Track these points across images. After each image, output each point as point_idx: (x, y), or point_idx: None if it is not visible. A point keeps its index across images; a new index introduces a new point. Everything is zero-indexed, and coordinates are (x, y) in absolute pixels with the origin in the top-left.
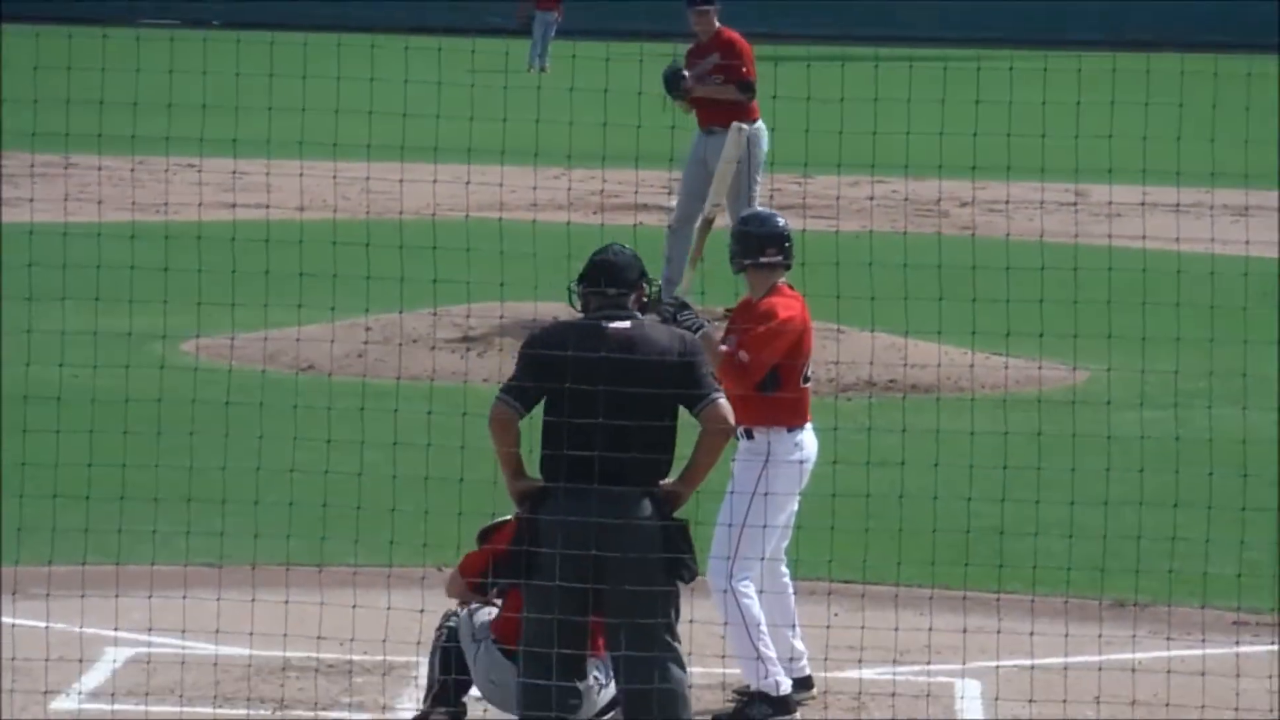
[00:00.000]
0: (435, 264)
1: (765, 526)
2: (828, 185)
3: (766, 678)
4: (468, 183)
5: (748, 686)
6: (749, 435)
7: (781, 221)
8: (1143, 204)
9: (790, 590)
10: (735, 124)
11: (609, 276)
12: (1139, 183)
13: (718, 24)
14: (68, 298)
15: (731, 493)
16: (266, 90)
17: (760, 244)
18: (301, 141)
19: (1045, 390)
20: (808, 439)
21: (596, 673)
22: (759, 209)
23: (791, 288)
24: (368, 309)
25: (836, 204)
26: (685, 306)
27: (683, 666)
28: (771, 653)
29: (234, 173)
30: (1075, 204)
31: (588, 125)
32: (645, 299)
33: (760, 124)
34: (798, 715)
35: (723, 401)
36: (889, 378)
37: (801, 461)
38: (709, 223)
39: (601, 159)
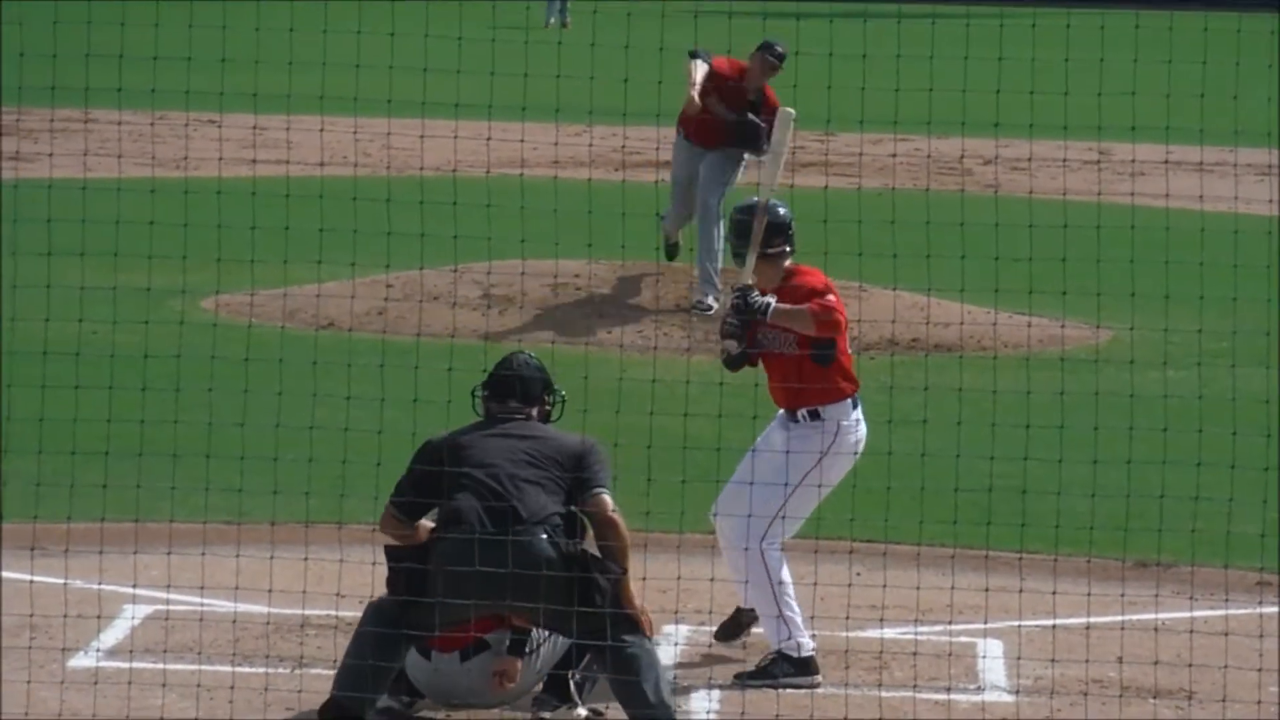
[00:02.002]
0: (456, 221)
1: (820, 486)
2: (850, 143)
3: (789, 638)
4: (488, 139)
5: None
6: (815, 415)
7: (782, 209)
8: (1166, 162)
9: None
10: (785, 110)
11: (512, 389)
12: (1162, 141)
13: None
14: (86, 253)
15: (785, 452)
16: (287, 46)
17: (766, 236)
18: (322, 97)
19: (1068, 349)
20: (860, 414)
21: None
22: (753, 200)
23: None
24: (388, 265)
25: (859, 161)
26: (750, 289)
27: (639, 631)
28: (796, 614)
29: (254, 128)
30: (1099, 162)
31: (609, 82)
32: (549, 410)
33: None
34: (819, 677)
35: (607, 497)
36: (911, 336)
37: (860, 436)
38: (764, 208)
39: (623, 115)
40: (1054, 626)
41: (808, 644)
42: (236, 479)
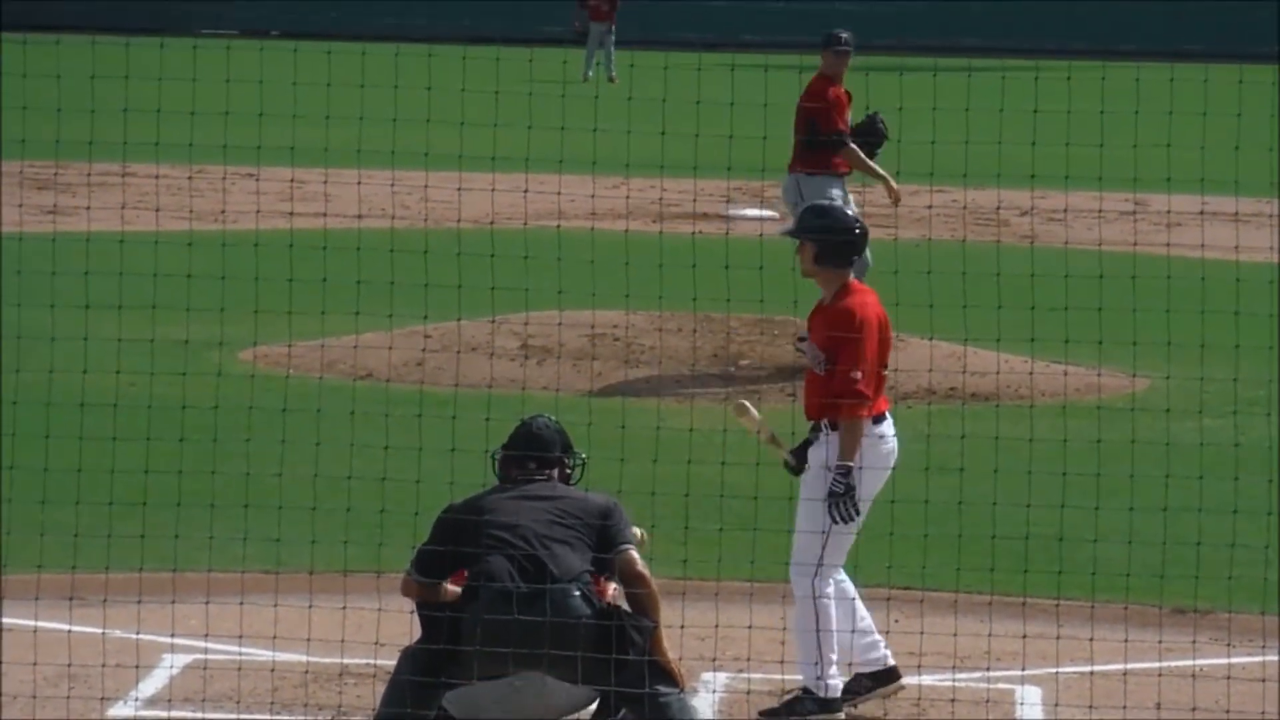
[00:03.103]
0: (494, 272)
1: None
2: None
3: (819, 678)
4: (525, 191)
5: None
6: (835, 428)
7: (858, 226)
8: (1201, 213)
9: (853, 595)
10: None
11: (530, 451)
12: (1198, 192)
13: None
14: (124, 306)
15: (808, 500)
16: (324, 99)
17: (838, 249)
18: (359, 150)
19: (1104, 398)
20: (889, 429)
21: None
22: (833, 205)
23: (861, 285)
24: (425, 316)
25: (895, 213)
26: (845, 470)
27: (673, 682)
28: (833, 654)
29: (292, 181)
30: (1134, 213)
31: (646, 135)
32: (569, 473)
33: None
34: (842, 716)
35: (634, 553)
36: (949, 385)
37: (885, 450)
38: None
39: (660, 168)
40: (1091, 673)
41: (835, 685)
42: (275, 529)
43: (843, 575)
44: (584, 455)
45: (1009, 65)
